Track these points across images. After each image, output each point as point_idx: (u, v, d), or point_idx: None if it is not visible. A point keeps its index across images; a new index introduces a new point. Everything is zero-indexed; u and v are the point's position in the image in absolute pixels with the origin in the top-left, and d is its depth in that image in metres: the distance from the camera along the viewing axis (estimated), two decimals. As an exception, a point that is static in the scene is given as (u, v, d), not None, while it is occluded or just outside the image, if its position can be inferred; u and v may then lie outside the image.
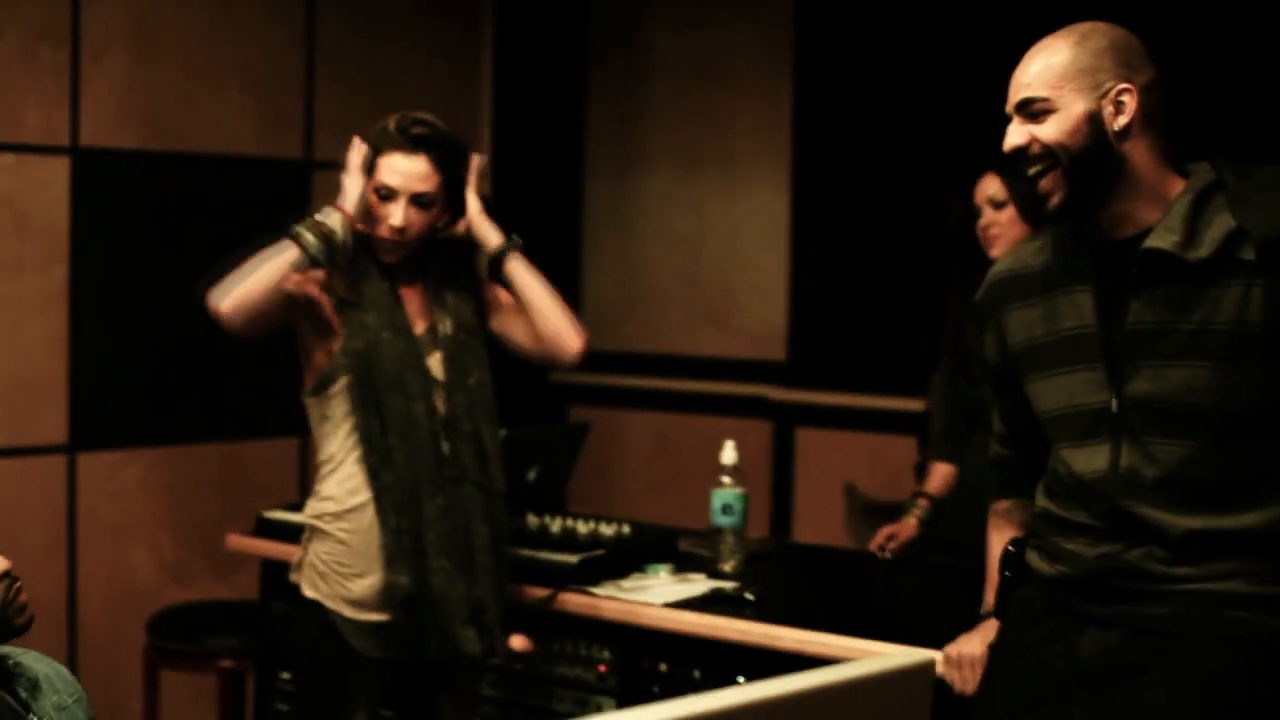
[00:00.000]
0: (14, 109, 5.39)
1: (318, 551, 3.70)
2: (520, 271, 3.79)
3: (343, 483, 3.66)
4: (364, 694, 3.70)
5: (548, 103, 7.20)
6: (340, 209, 3.62)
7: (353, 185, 3.64)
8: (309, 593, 3.70)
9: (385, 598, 3.64)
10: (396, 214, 3.59)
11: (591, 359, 7.12)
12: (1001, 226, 4.02)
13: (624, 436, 7.13)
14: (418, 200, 3.60)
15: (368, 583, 3.64)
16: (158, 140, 5.76)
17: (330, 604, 3.67)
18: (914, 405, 5.08)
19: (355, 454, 3.64)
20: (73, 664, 5.52)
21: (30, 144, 5.45)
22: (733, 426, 6.28)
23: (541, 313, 3.78)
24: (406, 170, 3.59)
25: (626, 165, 7.18)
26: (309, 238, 3.57)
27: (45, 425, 5.53)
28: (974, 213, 4.10)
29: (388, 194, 3.60)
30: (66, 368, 5.56)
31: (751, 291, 6.81)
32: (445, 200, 3.66)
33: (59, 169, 5.53)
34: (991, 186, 4.05)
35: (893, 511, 4.97)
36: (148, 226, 5.76)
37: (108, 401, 5.65)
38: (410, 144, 3.59)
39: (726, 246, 6.89)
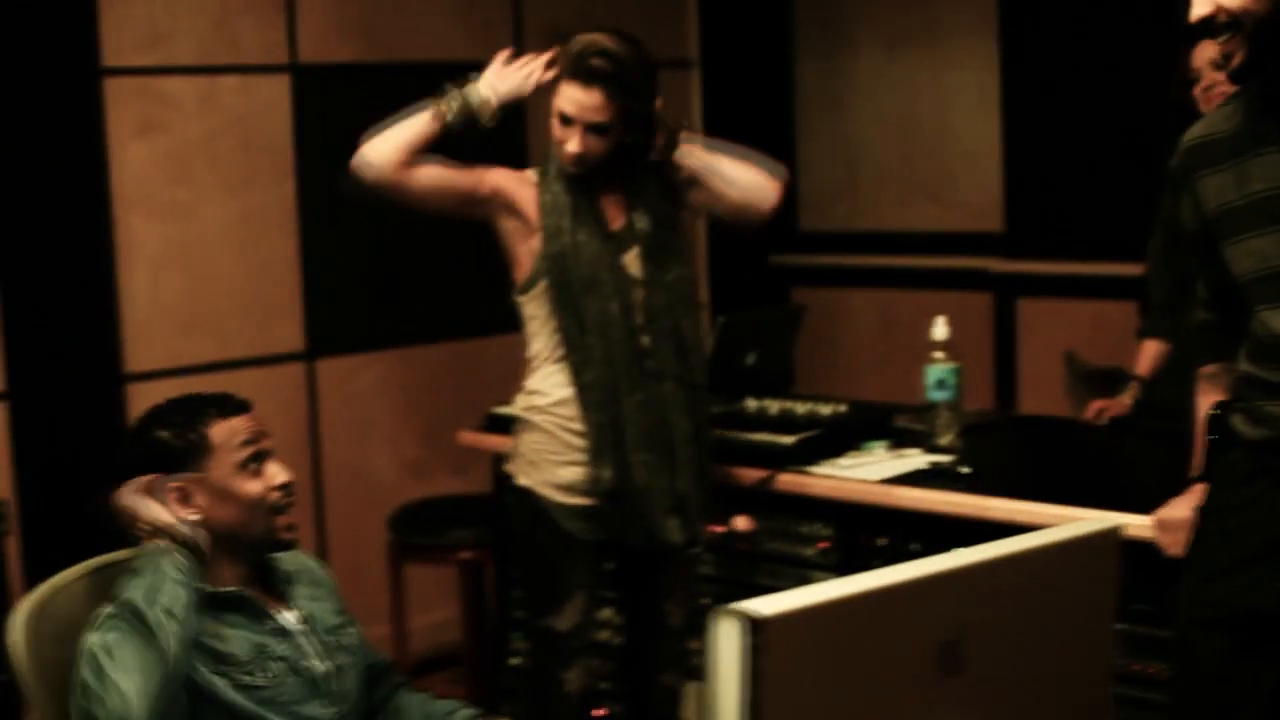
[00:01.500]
0: (234, 32, 5.57)
1: (528, 441, 3.84)
2: (692, 155, 3.84)
3: (547, 377, 3.79)
4: (582, 575, 3.84)
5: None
6: (493, 95, 3.75)
7: (514, 85, 3.78)
8: (522, 481, 3.85)
9: (590, 486, 3.77)
10: (573, 141, 3.67)
11: (810, 239, 7.26)
12: (1225, 86, 3.97)
13: (847, 316, 7.17)
14: (593, 129, 3.66)
15: (575, 470, 3.77)
16: (372, 52, 5.91)
17: (542, 490, 3.81)
18: (1134, 270, 5.04)
19: (558, 352, 3.76)
20: (323, 560, 5.77)
21: (252, 64, 5.63)
22: (953, 300, 6.31)
23: (723, 188, 3.85)
24: (581, 101, 3.65)
25: (836, 45, 7.18)
26: (452, 105, 3.73)
27: (284, 335, 5.76)
28: (1193, 77, 4.05)
29: (566, 120, 3.68)
30: (300, 279, 5.77)
31: (966, 164, 6.79)
32: (625, 125, 3.70)
33: (280, 87, 5.71)
34: (1211, 49, 4.00)
35: (1113, 377, 4.95)
36: (369, 137, 5.92)
37: (341, 308, 5.85)
38: (585, 76, 3.65)
39: (939, 121, 6.88)
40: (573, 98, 3.66)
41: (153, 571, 2.66)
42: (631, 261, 3.77)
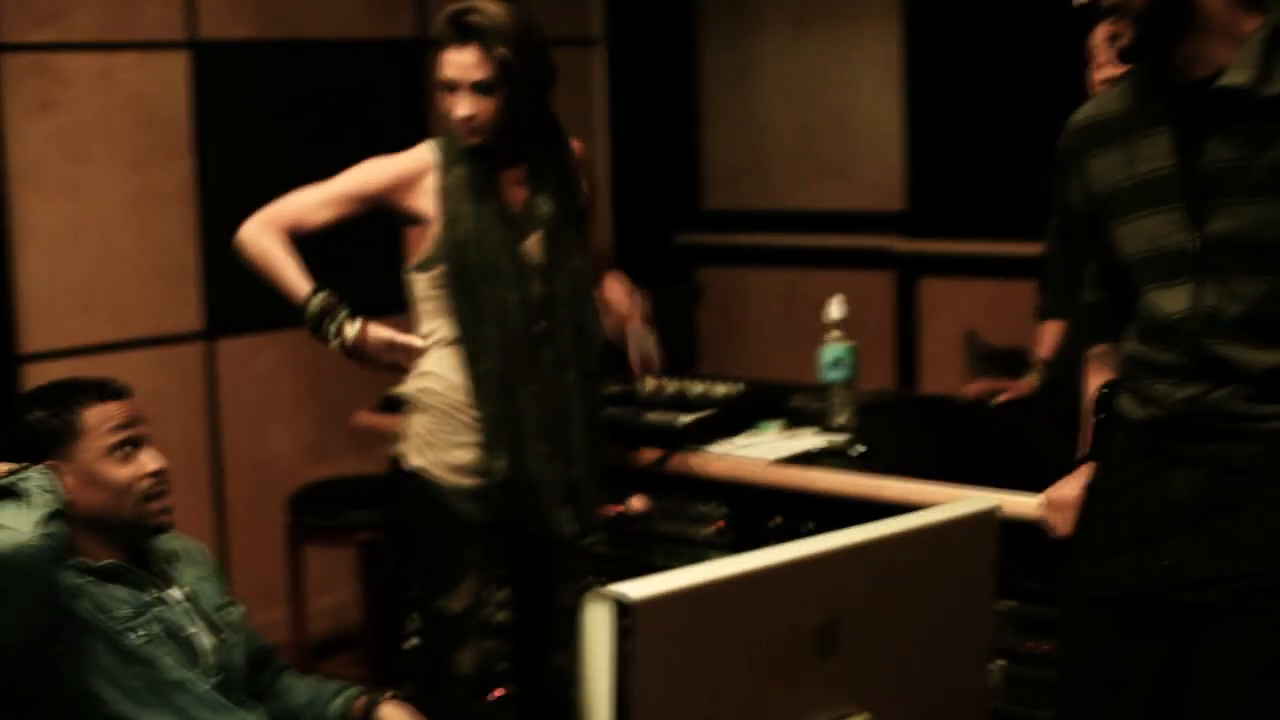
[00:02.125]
0: (133, 7, 5.51)
1: (420, 423, 3.82)
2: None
3: (441, 360, 3.77)
4: (473, 556, 3.82)
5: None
6: (356, 336, 3.73)
7: (379, 349, 3.76)
8: (414, 462, 3.82)
9: (484, 473, 3.76)
10: (461, 105, 3.65)
11: (715, 218, 7.27)
12: (1114, 68, 3.99)
13: (751, 294, 7.19)
14: (477, 87, 3.64)
15: (468, 452, 3.76)
16: (272, 28, 5.86)
17: (434, 471, 3.79)
18: (1035, 250, 5.07)
19: (453, 335, 3.74)
20: (221, 542, 5.74)
21: (150, 40, 5.58)
22: (856, 279, 6.33)
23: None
24: (459, 61, 3.63)
25: (741, 25, 7.19)
26: (317, 313, 3.75)
27: (182, 314, 5.71)
28: (1086, 57, 4.07)
29: (450, 86, 3.66)
30: (199, 258, 5.72)
31: (869, 143, 6.82)
32: (510, 83, 3.66)
33: (179, 63, 5.65)
34: (1105, 30, 4.02)
35: (1013, 357, 4.99)
36: (267, 114, 5.88)
37: (240, 288, 5.77)
38: (459, 34, 3.63)
39: (842, 100, 6.90)
40: (451, 60, 3.65)
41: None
42: (533, 247, 3.75)
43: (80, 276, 5.44)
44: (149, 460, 2.86)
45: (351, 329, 3.71)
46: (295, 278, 3.75)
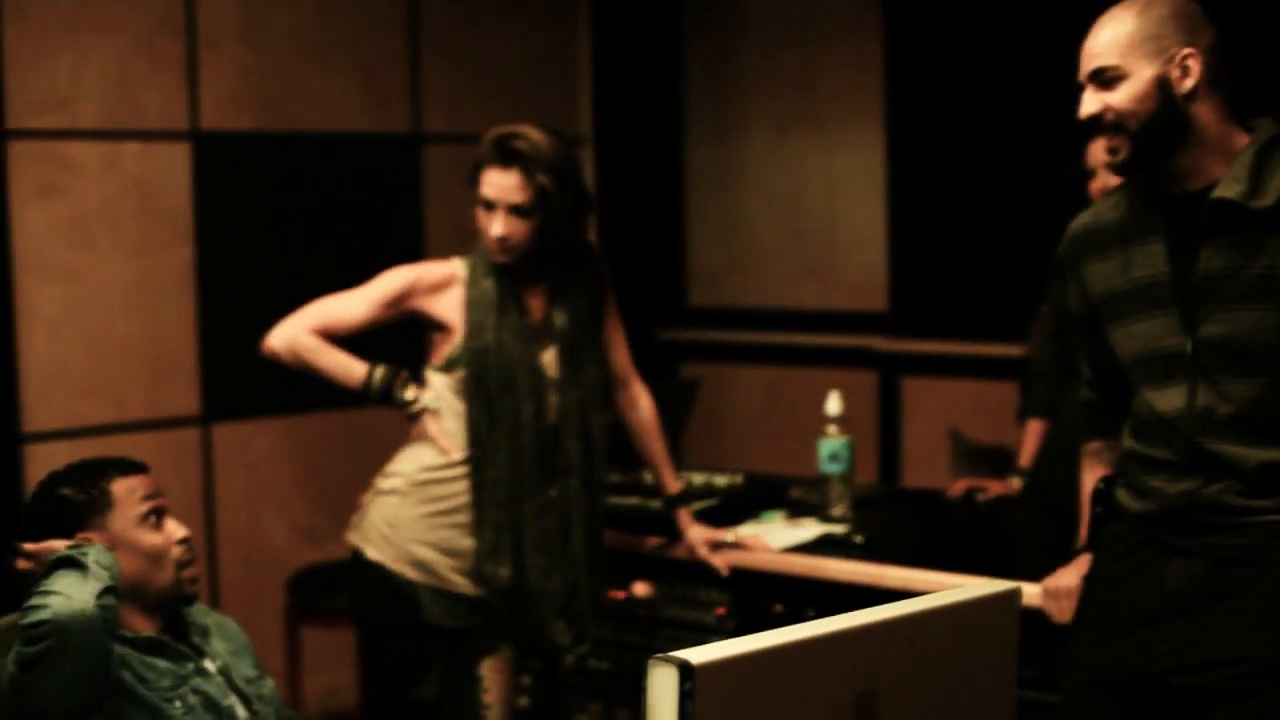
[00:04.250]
0: (137, 98, 5.62)
1: (383, 510, 3.88)
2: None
3: (422, 450, 3.87)
4: (438, 650, 3.88)
5: (646, 69, 7.37)
6: (420, 417, 3.87)
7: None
8: (373, 555, 3.87)
9: (485, 582, 3.81)
10: (497, 225, 3.75)
11: (698, 314, 7.38)
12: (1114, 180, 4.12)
13: (734, 391, 7.30)
14: (515, 210, 3.74)
15: (464, 561, 3.83)
16: (272, 121, 5.97)
17: (405, 569, 3.84)
18: (1015, 350, 5.20)
19: (464, 439, 3.83)
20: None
21: (153, 130, 5.68)
22: (839, 377, 6.44)
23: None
24: (500, 183, 3.74)
25: (725, 128, 7.33)
26: (380, 392, 3.88)
27: (180, 399, 5.79)
28: (1087, 172, 4.21)
29: (488, 205, 3.77)
30: (197, 343, 5.81)
31: (852, 245, 6.95)
32: (546, 208, 3.76)
33: (181, 153, 5.76)
34: (1102, 147, 4.15)
35: (996, 455, 5.12)
36: (267, 204, 5.99)
37: (237, 374, 5.89)
38: (503, 158, 3.74)
39: (825, 202, 7.03)
40: (492, 180, 3.75)
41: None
42: (549, 361, 3.86)
43: (81, 360, 5.52)
44: (176, 528, 2.95)
45: (419, 396, 3.84)
46: (346, 360, 3.85)
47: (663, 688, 1.77)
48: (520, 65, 6.80)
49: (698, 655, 1.79)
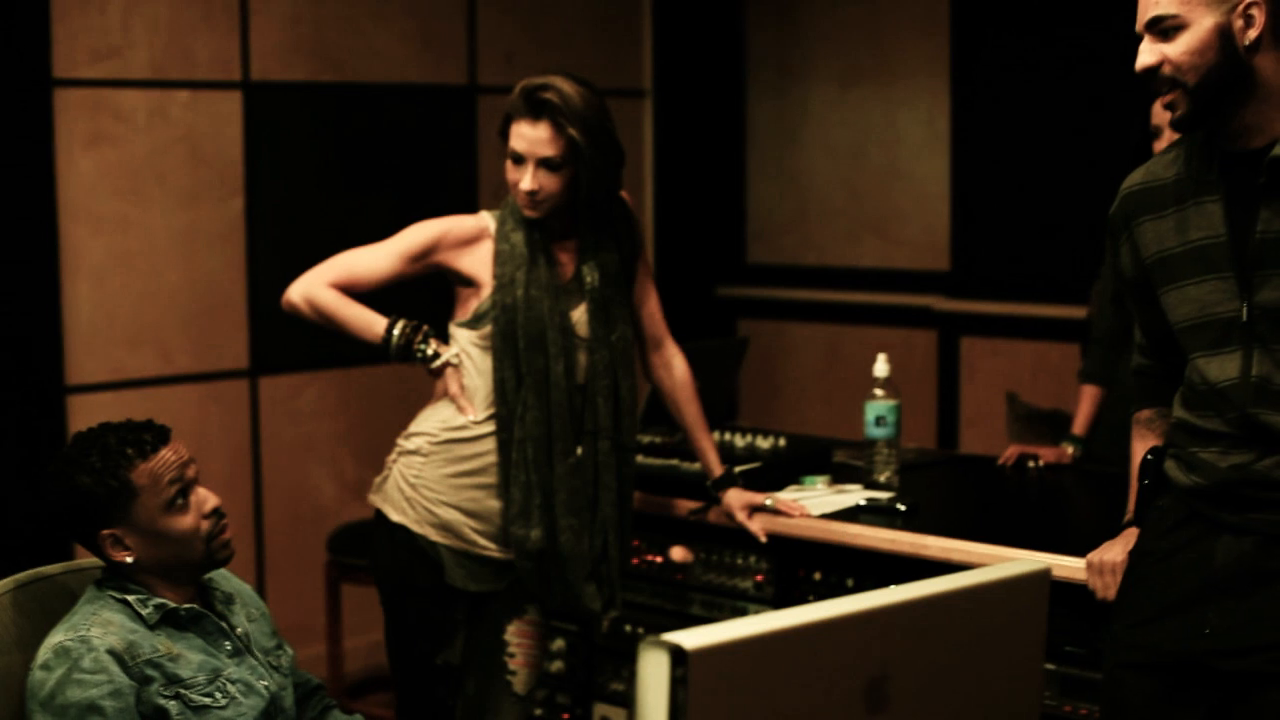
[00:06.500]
0: (188, 47, 5.57)
1: (405, 471, 3.79)
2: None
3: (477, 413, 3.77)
4: (462, 612, 3.82)
5: (708, 21, 7.27)
6: (444, 373, 3.75)
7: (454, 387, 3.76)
8: (395, 517, 3.78)
9: (516, 544, 3.72)
10: (526, 178, 3.64)
11: (757, 272, 7.29)
12: None
13: (792, 349, 7.21)
14: (545, 164, 3.64)
15: (490, 523, 3.75)
16: (325, 72, 5.92)
17: (428, 531, 3.75)
18: (1077, 312, 5.08)
19: (489, 397, 3.73)
20: (260, 579, 5.76)
21: (204, 80, 5.63)
22: (898, 337, 6.35)
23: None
24: (530, 135, 3.62)
25: (789, 81, 7.23)
26: (400, 348, 3.74)
27: (228, 351, 5.75)
28: (1152, 132, 4.08)
29: (517, 159, 3.66)
30: (245, 295, 5.77)
31: (914, 202, 6.84)
32: (577, 161, 3.66)
33: (232, 103, 5.71)
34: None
35: (1054, 419, 5.00)
36: (318, 156, 5.94)
37: (286, 327, 5.82)
38: (534, 110, 3.63)
39: (888, 158, 6.93)
40: (522, 133, 3.64)
41: (93, 612, 2.73)
42: (579, 319, 3.75)
43: (128, 311, 5.49)
44: (206, 498, 2.84)
45: (442, 351, 3.74)
46: (366, 314, 3.74)
47: (653, 674, 1.68)
48: (578, 16, 6.70)
49: (692, 639, 1.69)
